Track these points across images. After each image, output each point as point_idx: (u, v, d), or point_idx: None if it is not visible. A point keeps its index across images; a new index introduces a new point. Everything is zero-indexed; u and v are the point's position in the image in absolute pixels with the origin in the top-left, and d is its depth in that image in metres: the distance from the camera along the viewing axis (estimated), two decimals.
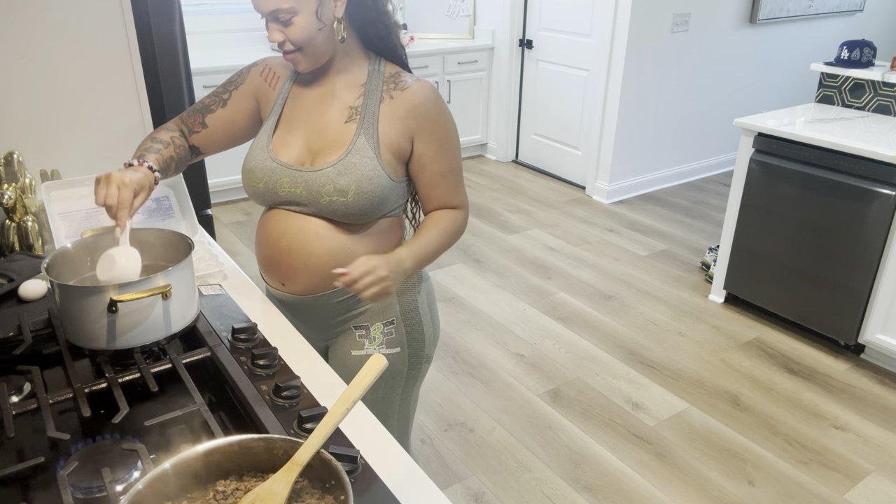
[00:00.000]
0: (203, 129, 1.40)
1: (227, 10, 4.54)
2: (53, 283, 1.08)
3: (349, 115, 1.28)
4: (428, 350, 1.46)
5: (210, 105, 1.40)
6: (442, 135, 1.31)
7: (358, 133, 1.26)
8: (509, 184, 4.84)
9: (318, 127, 1.30)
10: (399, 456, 0.98)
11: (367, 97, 1.28)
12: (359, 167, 1.24)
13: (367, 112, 1.27)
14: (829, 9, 5.06)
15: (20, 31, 1.65)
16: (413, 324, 1.41)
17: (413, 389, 1.49)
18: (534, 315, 3.16)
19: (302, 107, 1.33)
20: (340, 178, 1.24)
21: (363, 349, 1.39)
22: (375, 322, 1.38)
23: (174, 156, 1.34)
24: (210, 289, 1.40)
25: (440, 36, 5.09)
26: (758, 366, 2.82)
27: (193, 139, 1.41)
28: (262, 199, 1.33)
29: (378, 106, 1.27)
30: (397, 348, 1.40)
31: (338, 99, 1.30)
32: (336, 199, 1.24)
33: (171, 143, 1.35)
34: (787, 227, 2.91)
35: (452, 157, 1.33)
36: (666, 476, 2.24)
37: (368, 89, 1.29)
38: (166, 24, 1.99)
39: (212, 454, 0.80)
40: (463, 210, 1.38)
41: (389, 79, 1.30)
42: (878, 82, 3.08)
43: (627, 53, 4.15)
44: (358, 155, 1.25)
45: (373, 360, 0.87)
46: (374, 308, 1.38)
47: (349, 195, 1.24)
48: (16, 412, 0.98)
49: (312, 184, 1.26)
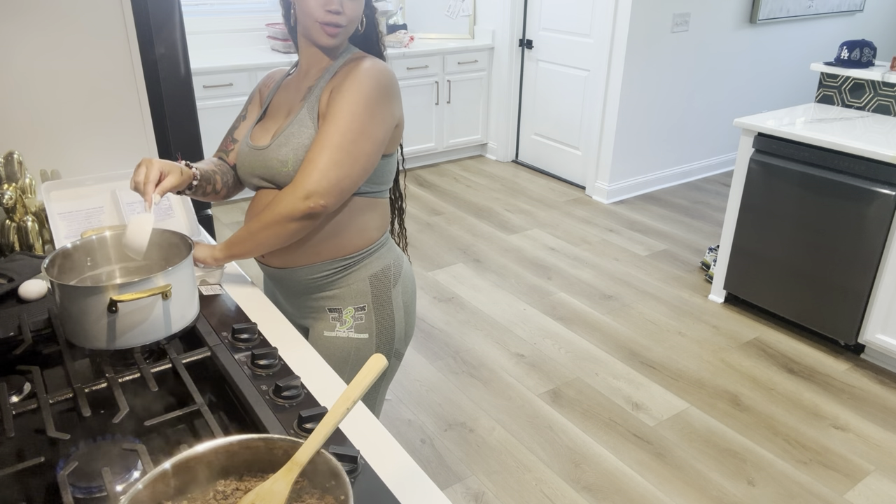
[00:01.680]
0: (234, 143, 1.49)
1: (227, 10, 4.54)
2: (53, 283, 1.08)
3: (304, 94, 1.34)
4: (398, 345, 1.48)
5: (234, 124, 1.51)
6: (343, 102, 1.23)
7: (302, 107, 1.32)
8: (509, 184, 4.84)
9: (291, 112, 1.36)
10: (399, 456, 0.98)
11: (323, 77, 1.33)
12: (296, 136, 1.30)
13: (317, 88, 1.33)
14: (828, 9, 5.06)
15: (20, 31, 1.65)
16: (384, 314, 1.44)
17: (380, 388, 1.51)
18: (534, 315, 3.16)
19: (285, 97, 1.40)
20: (281, 148, 1.31)
21: (334, 331, 1.42)
22: (348, 306, 1.41)
23: (217, 171, 1.43)
24: (210, 289, 1.40)
25: (440, 36, 5.09)
26: (758, 366, 2.82)
27: (231, 158, 1.49)
28: (247, 184, 1.42)
29: (328, 81, 1.32)
30: (365, 334, 1.43)
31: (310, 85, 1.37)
32: (280, 170, 1.30)
33: (214, 163, 1.45)
34: (787, 227, 2.91)
35: (341, 129, 1.22)
36: (666, 476, 2.24)
37: (327, 70, 1.34)
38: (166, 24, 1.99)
39: (211, 454, 0.80)
40: (299, 189, 1.22)
41: (350, 60, 1.33)
42: (878, 82, 3.08)
43: (627, 53, 4.15)
44: (297, 125, 1.30)
45: (372, 359, 0.87)
46: (347, 291, 1.41)
47: (289, 165, 1.29)
48: (16, 412, 0.98)
49: (266, 160, 1.33)
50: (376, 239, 1.42)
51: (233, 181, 1.48)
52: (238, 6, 4.57)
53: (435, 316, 3.13)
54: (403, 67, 4.63)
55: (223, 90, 3.99)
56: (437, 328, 3.04)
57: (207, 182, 1.38)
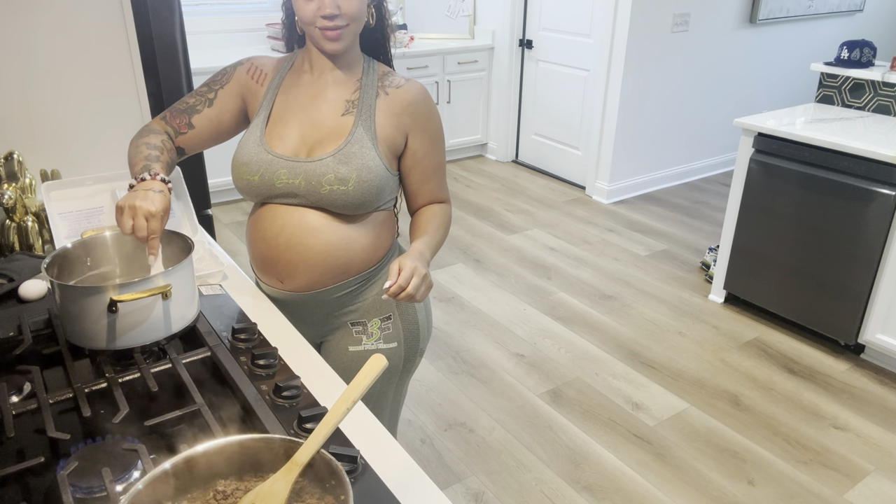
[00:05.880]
0: (189, 129, 1.39)
1: (227, 10, 4.54)
2: (53, 283, 1.08)
3: (346, 109, 1.32)
4: (422, 343, 1.48)
5: (195, 105, 1.39)
6: (433, 131, 1.38)
7: (356, 125, 1.30)
8: (509, 184, 4.84)
9: (314, 120, 1.32)
10: (399, 456, 0.98)
11: (364, 92, 1.32)
12: (359, 156, 1.27)
13: (364, 106, 1.31)
14: (829, 9, 5.06)
15: (20, 31, 1.65)
16: (409, 318, 1.43)
17: (406, 382, 1.52)
18: (534, 315, 3.16)
19: (295, 100, 1.35)
20: (341, 166, 1.27)
21: (361, 345, 1.40)
22: (373, 318, 1.40)
23: (168, 161, 1.34)
24: (210, 289, 1.40)
25: (440, 36, 5.09)
26: (758, 366, 2.82)
27: (179, 140, 1.40)
28: (255, 194, 1.33)
29: (374, 101, 1.32)
30: (394, 343, 1.42)
31: (332, 93, 1.33)
32: (337, 187, 1.27)
33: (164, 148, 1.34)
34: (787, 227, 2.91)
35: (441, 153, 1.41)
36: (666, 476, 2.24)
37: (364, 84, 1.33)
38: (166, 24, 1.99)
39: (212, 454, 0.80)
40: (449, 204, 1.47)
41: (383, 76, 1.36)
42: (878, 82, 3.08)
43: (627, 53, 4.15)
44: (357, 145, 1.28)
45: (373, 359, 0.87)
46: (372, 304, 1.39)
47: (350, 183, 1.26)
48: (16, 412, 0.98)
49: (312, 174, 1.27)
50: (390, 246, 1.41)
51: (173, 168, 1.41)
52: (238, 6, 4.57)
53: (435, 316, 3.13)
54: (403, 67, 4.63)
55: None
56: (437, 328, 3.04)
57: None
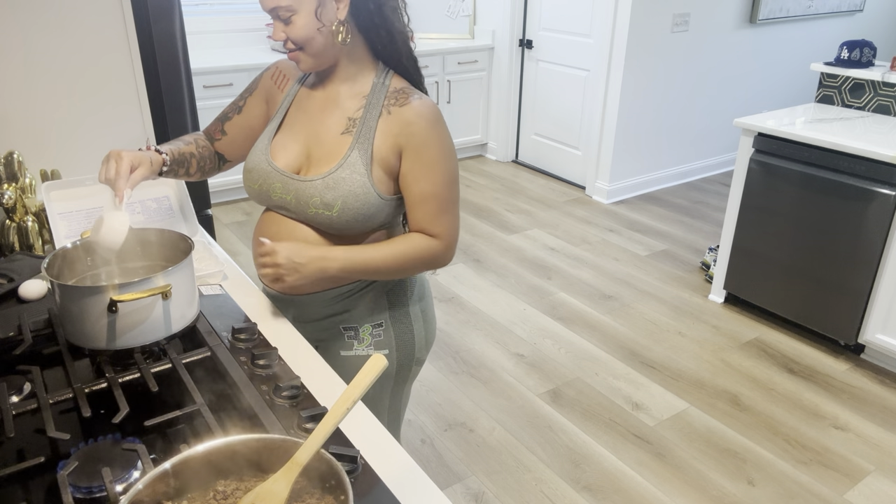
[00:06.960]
0: (223, 136, 1.45)
1: (227, 10, 4.54)
2: (53, 283, 1.08)
3: (346, 127, 1.27)
4: (419, 353, 1.46)
5: (228, 113, 1.45)
6: (429, 157, 1.26)
7: (352, 147, 1.25)
8: (509, 184, 4.84)
9: (318, 134, 1.30)
10: (399, 456, 0.98)
11: (367, 110, 1.26)
12: (347, 183, 1.23)
13: (365, 126, 1.25)
14: (828, 9, 5.06)
15: (20, 31, 1.65)
16: (402, 328, 1.41)
17: (403, 389, 1.50)
18: (534, 315, 3.16)
19: (305, 111, 1.33)
20: (328, 191, 1.23)
21: (352, 350, 1.40)
22: (364, 324, 1.39)
23: (195, 153, 1.39)
24: (210, 289, 1.40)
25: (440, 36, 5.09)
26: (758, 366, 2.82)
27: (217, 146, 1.46)
28: (258, 200, 1.35)
29: (376, 121, 1.25)
30: (385, 350, 1.41)
31: (340, 107, 1.29)
32: (321, 212, 1.24)
33: (194, 143, 1.41)
34: (787, 227, 2.91)
35: (437, 183, 1.27)
36: (666, 476, 2.24)
37: (369, 102, 1.27)
38: (166, 24, 1.99)
39: (212, 454, 0.80)
40: (441, 241, 1.30)
41: (393, 94, 1.27)
42: (878, 82, 3.08)
43: (627, 53, 4.15)
44: (348, 170, 1.23)
45: (373, 360, 0.87)
46: (364, 310, 1.38)
47: (334, 210, 1.24)
48: (16, 412, 0.98)
49: (301, 193, 1.26)
50: None
51: (210, 166, 1.44)
52: (238, 6, 4.57)
53: (436, 316, 3.13)
54: None
55: (223, 90, 3.99)
56: (437, 328, 3.03)
57: (180, 165, 1.34)
